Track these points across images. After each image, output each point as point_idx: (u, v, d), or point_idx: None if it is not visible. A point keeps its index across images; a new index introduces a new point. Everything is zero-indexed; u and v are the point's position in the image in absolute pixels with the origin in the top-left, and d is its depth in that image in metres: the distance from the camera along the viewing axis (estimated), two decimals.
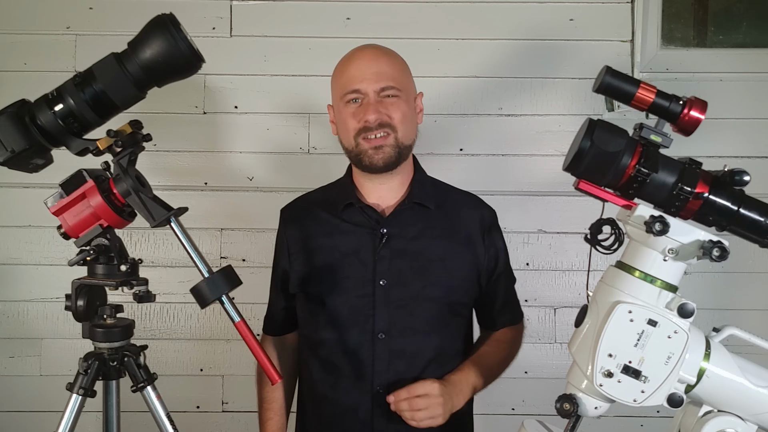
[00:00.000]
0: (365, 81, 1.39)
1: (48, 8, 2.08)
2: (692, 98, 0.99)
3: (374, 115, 1.37)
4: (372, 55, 1.43)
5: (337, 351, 1.42)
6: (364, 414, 1.40)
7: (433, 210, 1.46)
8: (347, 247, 1.44)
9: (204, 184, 2.11)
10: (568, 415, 0.99)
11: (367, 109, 1.38)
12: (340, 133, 1.46)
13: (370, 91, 1.39)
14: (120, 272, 1.24)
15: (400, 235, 1.43)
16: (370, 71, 1.40)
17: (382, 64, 1.41)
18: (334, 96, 1.47)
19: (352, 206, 1.46)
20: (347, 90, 1.40)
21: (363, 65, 1.41)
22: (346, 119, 1.41)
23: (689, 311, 0.95)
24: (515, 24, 2.10)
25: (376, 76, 1.39)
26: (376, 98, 1.39)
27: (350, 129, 1.40)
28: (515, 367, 2.09)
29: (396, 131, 1.39)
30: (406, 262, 1.42)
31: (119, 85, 1.17)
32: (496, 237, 1.52)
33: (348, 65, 1.43)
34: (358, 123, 1.39)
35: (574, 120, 2.03)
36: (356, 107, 1.40)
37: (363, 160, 1.41)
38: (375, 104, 1.38)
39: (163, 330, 2.13)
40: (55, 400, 1.34)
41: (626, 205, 1.01)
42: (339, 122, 1.45)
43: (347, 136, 1.42)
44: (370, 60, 1.42)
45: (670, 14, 2.15)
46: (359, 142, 1.40)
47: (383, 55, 1.44)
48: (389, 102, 1.40)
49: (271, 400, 1.55)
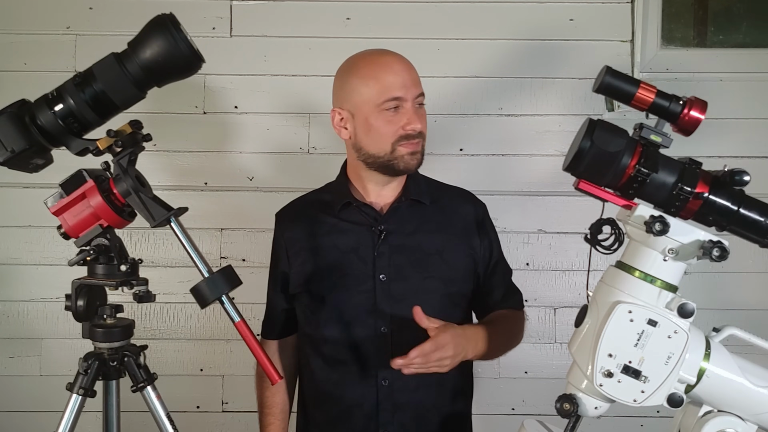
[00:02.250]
0: (405, 88, 1.38)
1: (48, 8, 2.08)
2: (692, 98, 0.99)
3: (420, 123, 1.39)
4: (403, 61, 1.42)
5: (341, 347, 1.44)
6: (369, 408, 1.42)
7: (428, 205, 1.49)
8: (346, 245, 1.45)
9: (204, 184, 2.12)
10: (568, 415, 1.00)
11: (412, 118, 1.38)
12: (366, 139, 1.41)
13: (410, 98, 1.39)
14: (120, 272, 1.24)
15: (397, 231, 1.45)
16: (408, 78, 1.39)
17: (413, 71, 1.42)
18: (357, 101, 1.41)
19: (350, 205, 1.47)
20: (387, 97, 1.37)
21: (400, 72, 1.39)
22: (382, 126, 1.39)
23: (689, 311, 0.95)
24: (515, 24, 2.10)
25: (413, 83, 1.40)
26: (414, 106, 1.40)
27: (388, 135, 1.39)
28: (515, 367, 2.12)
29: (424, 139, 1.42)
30: (405, 256, 1.44)
31: (119, 85, 1.17)
32: (489, 228, 1.55)
33: (383, 71, 1.39)
34: (401, 129, 1.38)
35: (574, 120, 2.03)
36: (393, 114, 1.38)
37: (397, 164, 1.40)
38: (415, 112, 1.39)
39: (163, 330, 2.13)
40: (55, 400, 1.34)
41: (626, 205, 1.01)
42: (366, 129, 1.40)
43: (381, 142, 1.39)
44: (404, 68, 1.41)
45: (670, 14, 2.15)
46: (397, 148, 1.39)
47: (408, 61, 1.44)
48: (422, 112, 1.42)
49: (272, 405, 1.55)
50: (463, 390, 1.53)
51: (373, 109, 1.39)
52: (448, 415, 1.47)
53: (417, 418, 1.43)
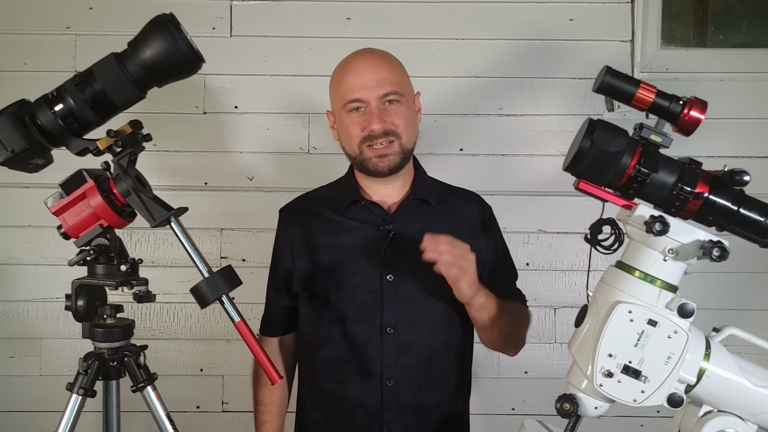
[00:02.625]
0: (366, 89, 1.38)
1: (48, 8, 2.08)
2: (692, 98, 0.99)
3: (379, 124, 1.37)
4: (370, 61, 1.42)
5: (345, 346, 1.43)
6: (373, 408, 1.41)
7: (435, 206, 1.49)
8: (353, 243, 1.44)
9: (204, 184, 2.11)
10: (568, 415, 1.00)
11: (371, 119, 1.38)
12: (343, 141, 1.46)
13: (372, 99, 1.38)
14: (120, 272, 1.24)
15: (405, 231, 1.44)
16: (370, 79, 1.39)
17: (381, 70, 1.40)
18: (333, 103, 1.46)
19: (357, 204, 1.46)
20: (347, 99, 1.39)
21: (362, 73, 1.40)
22: (348, 128, 1.41)
23: (689, 311, 0.95)
24: (515, 24, 2.10)
25: (377, 83, 1.39)
26: (379, 106, 1.39)
27: (353, 137, 1.40)
28: (515, 367, 2.12)
29: (400, 138, 1.40)
30: (413, 257, 1.41)
31: (119, 85, 1.17)
32: (495, 230, 1.56)
33: (346, 73, 1.42)
34: (362, 131, 1.39)
35: (574, 120, 2.03)
36: (358, 116, 1.40)
37: (368, 166, 1.41)
38: (378, 113, 1.38)
39: (163, 330, 2.12)
40: (55, 400, 1.34)
41: (626, 205, 1.01)
42: (341, 130, 1.45)
43: (350, 144, 1.42)
44: (368, 67, 1.41)
45: (670, 14, 2.15)
46: (363, 150, 1.40)
47: (381, 60, 1.43)
48: (392, 109, 1.40)
49: (268, 403, 1.55)
50: (463, 389, 1.53)
51: (341, 111, 1.42)
52: (449, 415, 1.47)
53: (420, 418, 1.43)
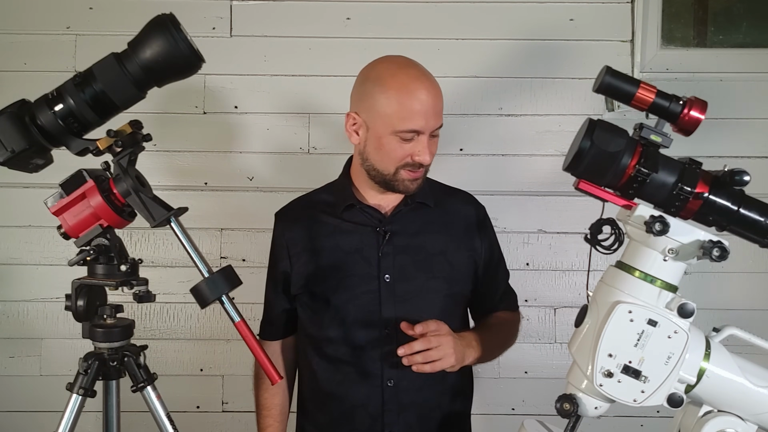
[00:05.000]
0: (426, 121, 1.34)
1: (48, 8, 2.08)
2: (692, 98, 0.99)
3: (430, 158, 1.37)
4: (431, 90, 1.36)
5: (345, 348, 1.43)
6: (375, 409, 1.42)
7: (431, 207, 1.49)
8: (350, 245, 1.45)
9: (204, 184, 2.11)
10: (568, 415, 1.00)
11: (423, 151, 1.35)
12: (375, 155, 1.39)
13: (428, 131, 1.36)
14: (120, 272, 1.24)
15: (401, 232, 1.45)
16: (432, 111, 1.35)
17: (438, 101, 1.37)
18: (374, 118, 1.37)
19: (353, 207, 1.46)
20: (407, 128, 1.34)
21: (426, 103, 1.34)
22: (394, 149, 1.36)
23: (689, 311, 0.95)
24: (515, 24, 2.10)
25: (435, 116, 1.36)
26: (430, 138, 1.37)
27: (396, 159, 1.37)
28: (515, 367, 2.12)
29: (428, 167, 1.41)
30: (409, 257, 1.44)
31: (119, 85, 1.17)
32: (490, 229, 1.57)
33: (410, 98, 1.33)
34: (409, 158, 1.36)
35: (574, 120, 2.02)
36: (406, 142, 1.35)
37: (397, 186, 1.40)
38: (429, 146, 1.37)
39: (163, 330, 2.12)
40: (55, 400, 1.34)
41: (626, 205, 1.01)
42: (377, 146, 1.38)
43: (387, 163, 1.38)
44: (430, 97, 1.35)
45: (670, 14, 2.15)
46: (400, 172, 1.38)
47: (437, 90, 1.38)
48: (435, 141, 1.39)
49: (271, 406, 1.55)
50: (464, 390, 1.54)
51: (388, 131, 1.35)
52: (450, 415, 1.47)
53: (421, 418, 1.44)
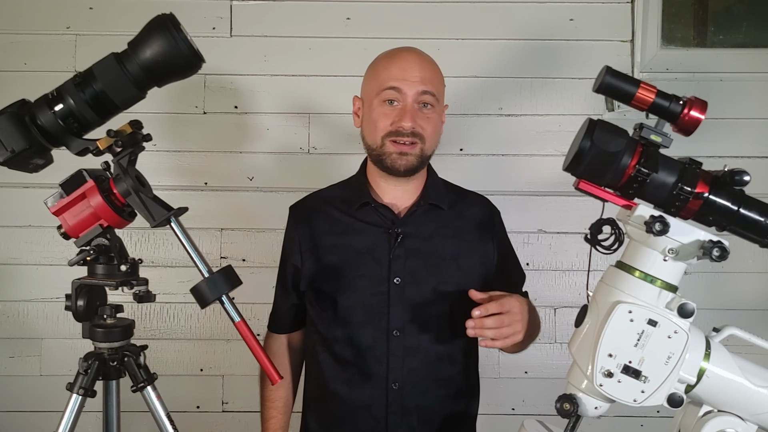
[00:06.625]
0: (408, 81, 1.37)
1: (48, 8, 2.08)
2: (692, 98, 0.99)
3: (410, 122, 1.36)
4: (418, 58, 1.41)
5: (352, 348, 1.43)
6: (378, 410, 1.41)
7: (445, 210, 1.48)
8: (361, 245, 1.44)
9: (204, 184, 2.12)
10: (568, 415, 1.00)
11: (404, 115, 1.37)
12: (366, 129, 1.44)
13: (411, 94, 1.37)
14: (120, 272, 1.24)
15: (414, 235, 1.43)
16: (414, 73, 1.38)
17: (426, 69, 1.40)
18: (367, 89, 1.44)
19: (367, 206, 1.46)
20: (386, 86, 1.38)
21: (408, 66, 1.38)
22: (377, 118, 1.39)
23: (689, 311, 0.95)
24: (515, 24, 2.10)
25: (420, 80, 1.38)
26: (414, 105, 1.38)
27: (380, 129, 1.39)
28: (515, 367, 2.12)
29: (424, 142, 1.40)
30: (421, 260, 1.42)
31: (119, 85, 1.17)
32: (503, 235, 1.55)
33: (391, 62, 1.40)
34: (390, 125, 1.38)
35: (574, 120, 2.02)
36: (391, 109, 1.38)
37: (385, 161, 1.40)
38: (412, 111, 1.37)
39: (163, 330, 2.12)
40: (55, 400, 1.34)
41: (626, 205, 1.01)
42: (367, 118, 1.43)
43: (373, 134, 1.41)
44: (415, 63, 1.39)
45: (670, 14, 2.15)
46: (386, 143, 1.39)
47: (428, 61, 1.42)
48: (425, 113, 1.39)
49: (274, 399, 1.55)
50: (469, 392, 1.52)
51: (374, 98, 1.40)
52: (454, 419, 1.46)
53: (425, 421, 1.43)
